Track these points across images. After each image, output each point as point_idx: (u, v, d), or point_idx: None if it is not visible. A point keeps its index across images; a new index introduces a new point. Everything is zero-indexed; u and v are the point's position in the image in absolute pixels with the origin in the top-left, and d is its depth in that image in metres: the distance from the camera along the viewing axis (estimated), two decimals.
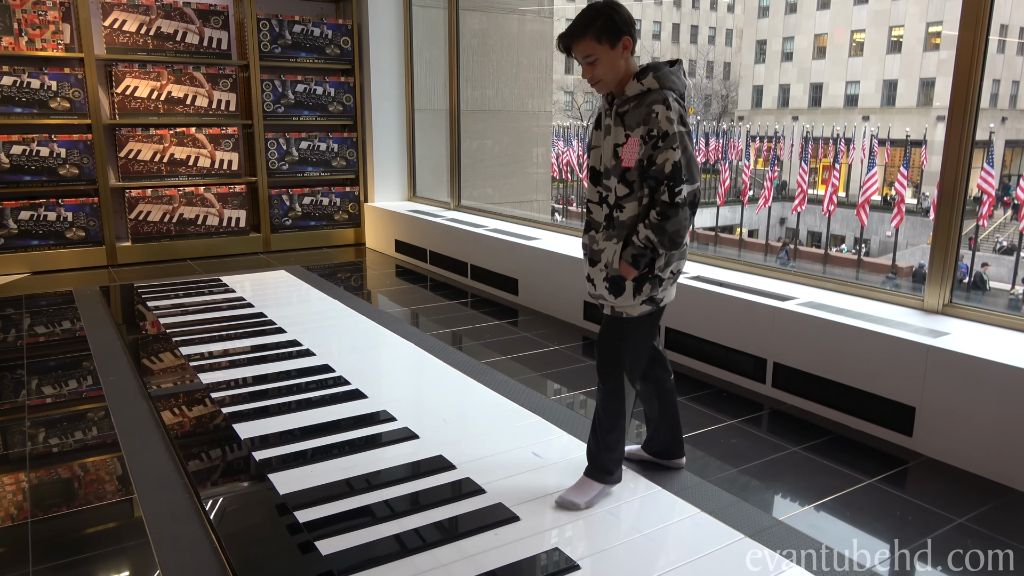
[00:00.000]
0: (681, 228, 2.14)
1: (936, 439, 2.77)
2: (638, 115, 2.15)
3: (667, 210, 2.12)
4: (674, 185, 2.10)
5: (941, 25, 27.05)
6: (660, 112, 2.10)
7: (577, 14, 2.20)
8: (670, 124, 2.10)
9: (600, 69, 2.18)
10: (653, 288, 2.26)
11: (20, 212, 5.68)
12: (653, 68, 2.18)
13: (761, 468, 2.70)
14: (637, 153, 2.14)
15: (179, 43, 6.12)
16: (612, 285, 2.26)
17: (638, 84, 2.18)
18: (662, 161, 2.10)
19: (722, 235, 20.91)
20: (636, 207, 2.20)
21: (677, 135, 2.10)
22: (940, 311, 3.09)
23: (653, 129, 2.11)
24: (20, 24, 5.51)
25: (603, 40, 2.15)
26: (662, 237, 2.14)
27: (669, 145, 2.10)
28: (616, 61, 2.18)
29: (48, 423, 3.04)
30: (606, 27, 2.14)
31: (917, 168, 21.61)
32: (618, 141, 2.19)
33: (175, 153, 6.20)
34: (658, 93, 2.14)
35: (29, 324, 4.44)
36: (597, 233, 2.29)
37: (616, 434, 2.35)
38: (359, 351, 3.99)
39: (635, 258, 2.19)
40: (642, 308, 2.28)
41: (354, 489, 2.43)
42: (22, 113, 5.60)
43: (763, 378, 3.38)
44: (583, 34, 2.15)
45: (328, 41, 6.67)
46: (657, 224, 2.13)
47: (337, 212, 7.01)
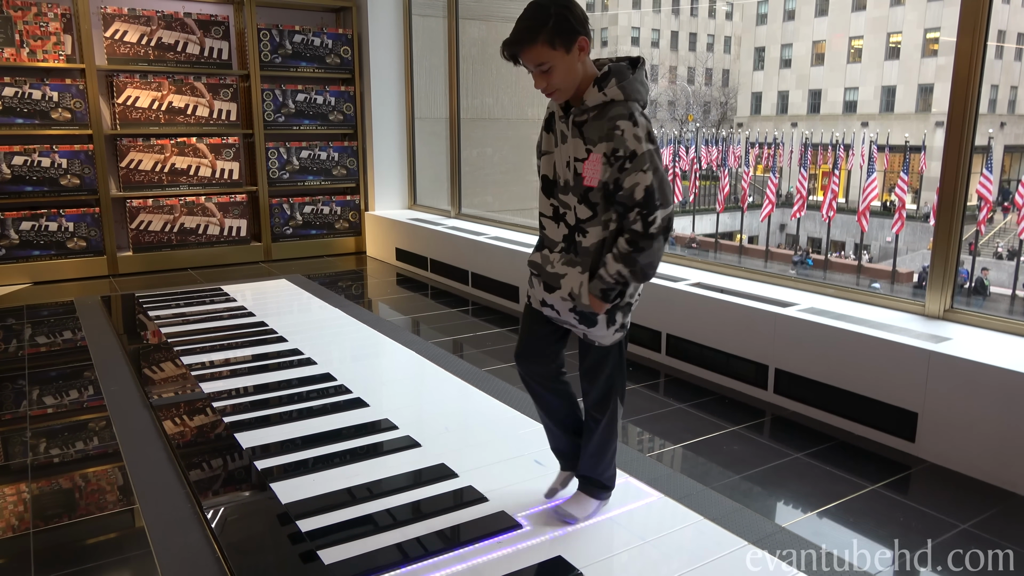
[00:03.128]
0: (655, 260, 1.93)
1: (938, 444, 2.77)
2: (600, 129, 1.91)
3: (640, 241, 1.89)
4: (647, 213, 1.86)
5: (939, 31, 27.13)
6: (626, 129, 1.87)
7: (520, 15, 1.89)
8: (638, 143, 1.87)
9: (556, 78, 1.90)
10: (624, 316, 2.10)
11: (21, 223, 5.69)
12: (616, 74, 1.92)
13: (763, 475, 2.69)
14: (600, 173, 1.91)
15: (180, 53, 6.14)
16: (583, 318, 2.07)
17: (599, 93, 1.92)
18: (631, 185, 1.86)
19: (722, 241, 20.91)
20: (601, 232, 1.96)
21: (646, 155, 1.87)
22: (941, 316, 3.09)
23: (619, 149, 1.87)
24: (22, 36, 5.53)
25: (557, 44, 1.86)
26: (633, 268, 1.92)
27: (639, 167, 1.86)
28: (573, 66, 1.90)
29: (49, 433, 3.04)
30: (559, 29, 1.85)
31: (916, 174, 21.63)
32: (577, 155, 1.95)
33: (176, 163, 6.22)
34: (623, 106, 1.90)
35: (30, 334, 4.44)
36: (552, 253, 2.07)
37: (612, 451, 2.28)
38: (360, 359, 3.99)
39: (604, 292, 1.98)
40: (615, 337, 2.13)
41: (356, 498, 2.43)
42: (23, 124, 5.61)
43: (765, 384, 3.38)
44: (533, 40, 1.86)
45: (328, 51, 6.70)
46: (628, 255, 1.91)
47: (338, 221, 7.02)
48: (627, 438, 3.08)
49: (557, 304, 2.09)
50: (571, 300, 2.03)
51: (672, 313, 3.81)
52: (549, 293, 2.09)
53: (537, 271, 2.13)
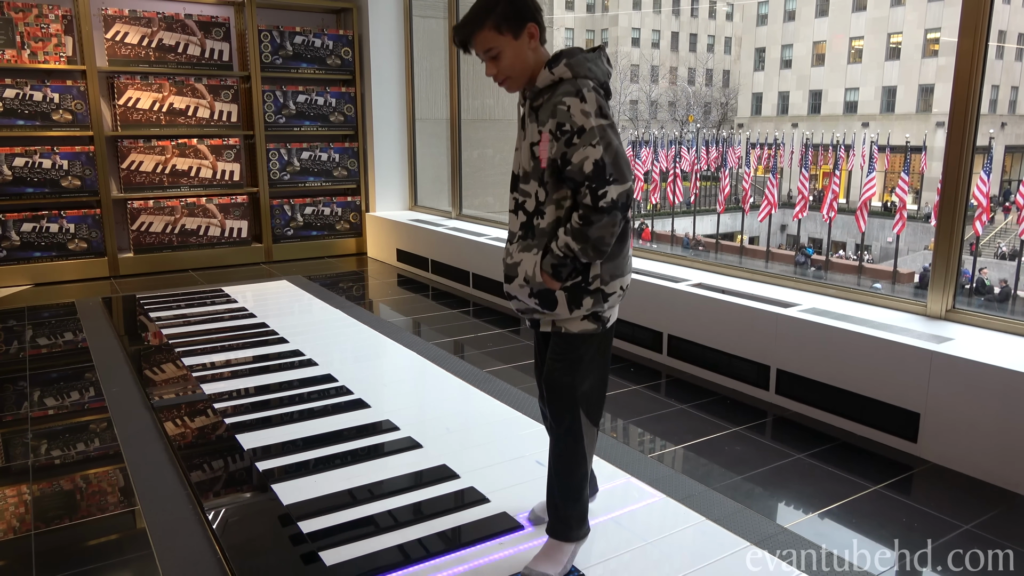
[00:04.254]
0: (606, 234, 1.85)
1: (941, 445, 2.76)
2: (548, 108, 1.88)
3: (590, 215, 1.83)
4: (597, 187, 1.81)
5: (939, 32, 27.14)
6: (572, 105, 1.83)
7: (473, 3, 1.92)
8: (585, 118, 1.82)
9: (505, 63, 1.91)
10: (596, 303, 1.94)
11: (22, 224, 5.69)
12: (566, 54, 1.90)
13: (766, 475, 2.69)
14: (548, 151, 1.88)
15: (181, 55, 6.14)
16: (541, 299, 1.95)
17: (549, 73, 1.90)
18: (579, 160, 1.82)
19: (723, 242, 20.91)
20: (554, 211, 1.91)
21: (596, 129, 1.82)
22: (943, 316, 3.09)
23: (565, 124, 1.84)
24: (23, 37, 5.54)
25: (504, 30, 1.87)
26: (584, 245, 1.85)
27: (587, 142, 1.81)
28: (522, 53, 1.90)
29: (51, 435, 3.04)
30: (507, 15, 1.87)
31: (917, 174, 21.62)
32: (533, 140, 1.93)
33: (177, 164, 6.22)
34: (570, 83, 1.86)
35: (31, 336, 4.44)
36: (511, 245, 2.01)
37: (577, 481, 2.02)
38: (361, 361, 3.99)
39: (555, 268, 1.89)
40: (584, 325, 1.96)
41: (357, 499, 2.42)
42: (24, 125, 5.62)
43: (766, 385, 3.38)
44: (480, 25, 1.88)
45: (329, 52, 6.70)
46: (578, 229, 1.84)
47: (338, 222, 7.02)
48: (628, 439, 3.07)
49: (516, 292, 1.99)
50: (527, 284, 1.95)
51: (673, 314, 3.81)
52: (508, 284, 2.01)
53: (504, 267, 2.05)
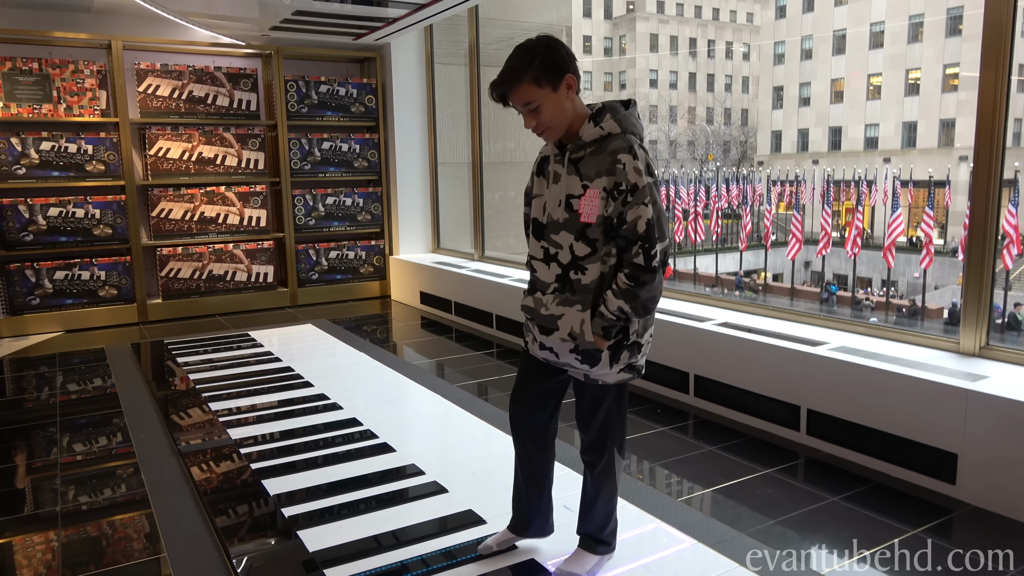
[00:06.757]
0: (656, 294, 1.92)
1: (981, 486, 2.68)
2: (598, 163, 1.93)
3: (641, 275, 1.89)
4: (649, 247, 1.88)
5: (958, 67, 27.12)
6: (627, 163, 1.89)
7: (508, 57, 1.94)
8: (639, 176, 1.88)
9: (545, 116, 1.93)
10: (632, 356, 2.03)
11: (55, 272, 5.82)
12: (610, 109, 1.96)
13: (800, 519, 2.62)
14: (599, 208, 1.91)
15: (210, 106, 6.32)
16: (585, 357, 2.01)
17: (595, 128, 1.95)
18: (633, 219, 1.87)
19: (745, 279, 20.76)
20: (599, 268, 1.94)
21: (647, 188, 1.88)
22: (977, 354, 3.02)
23: (622, 183, 1.88)
24: (59, 92, 5.74)
25: (543, 83, 1.90)
26: (635, 304, 1.90)
27: (640, 200, 1.87)
28: (561, 104, 1.93)
29: (79, 480, 3.05)
30: (545, 67, 1.89)
31: (942, 208, 21.42)
32: (572, 192, 1.96)
33: (205, 211, 6.35)
34: (621, 139, 1.93)
35: (62, 382, 4.50)
36: (545, 295, 2.03)
37: (611, 508, 2.20)
38: (386, 404, 3.98)
39: (606, 330, 1.95)
40: (620, 376, 2.05)
41: (383, 546, 2.40)
42: (59, 177, 5.79)
43: (797, 425, 3.31)
44: (519, 79, 1.89)
45: (353, 100, 6.85)
46: (629, 290, 1.90)
47: (363, 265, 7.09)
48: (655, 482, 3.02)
49: (556, 346, 2.03)
50: (571, 340, 1.97)
51: (699, 354, 3.77)
52: (546, 336, 2.03)
53: (531, 315, 2.07)
